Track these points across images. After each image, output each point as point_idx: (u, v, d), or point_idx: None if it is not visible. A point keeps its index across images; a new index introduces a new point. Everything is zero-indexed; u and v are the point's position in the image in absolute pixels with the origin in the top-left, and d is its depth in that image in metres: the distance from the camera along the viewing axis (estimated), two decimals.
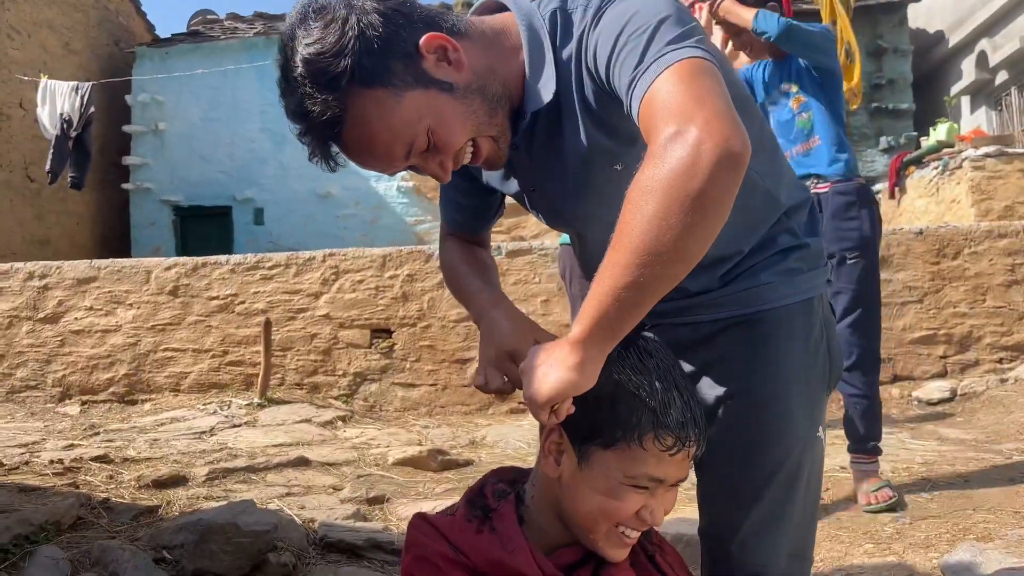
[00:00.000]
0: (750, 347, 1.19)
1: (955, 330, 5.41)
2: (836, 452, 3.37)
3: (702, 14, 3.23)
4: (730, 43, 3.37)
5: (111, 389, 5.80)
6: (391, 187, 11.36)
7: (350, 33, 1.00)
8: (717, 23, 3.32)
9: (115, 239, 11.19)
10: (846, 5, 6.59)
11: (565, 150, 1.13)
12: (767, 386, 1.18)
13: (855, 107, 7.28)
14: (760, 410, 1.18)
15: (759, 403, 1.18)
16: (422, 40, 1.04)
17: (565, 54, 1.10)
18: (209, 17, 13.06)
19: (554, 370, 0.99)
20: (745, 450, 1.19)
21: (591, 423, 1.09)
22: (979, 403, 4.83)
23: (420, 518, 1.19)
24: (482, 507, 1.18)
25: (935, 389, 5.06)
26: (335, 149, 1.09)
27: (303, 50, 1.02)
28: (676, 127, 0.90)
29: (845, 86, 6.88)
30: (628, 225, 0.91)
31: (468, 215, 1.40)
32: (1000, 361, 5.32)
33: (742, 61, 3.54)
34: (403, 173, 11.27)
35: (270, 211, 11.44)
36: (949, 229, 5.51)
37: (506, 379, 1.16)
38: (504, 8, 1.17)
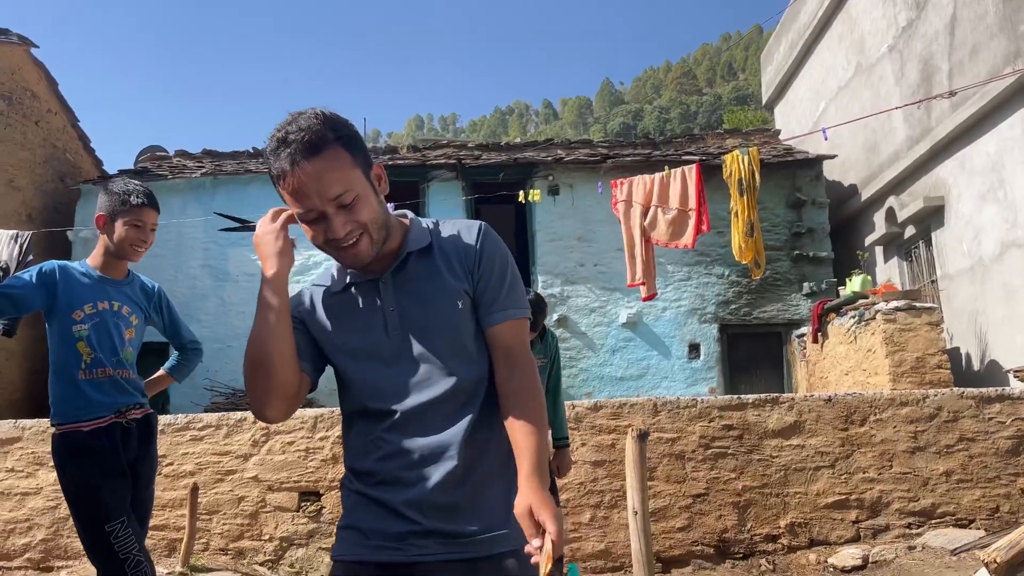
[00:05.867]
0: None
1: (865, 495, 5.64)
2: None
3: None
4: None
5: (27, 555, 5.64)
6: None
7: (350, 127, 1.60)
8: None
9: (46, 372, 10.96)
10: (749, 189, 7.17)
11: (426, 282, 1.63)
12: None
13: (757, 277, 7.77)
14: None
15: None
16: (375, 163, 1.65)
17: (443, 234, 1.70)
18: (158, 154, 13.32)
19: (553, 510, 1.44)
20: None
21: None
22: (889, 572, 5.01)
23: None
24: None
25: (848, 557, 5.23)
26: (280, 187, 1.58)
27: (322, 110, 1.57)
28: (528, 366, 1.63)
29: (747, 258, 7.41)
30: (534, 406, 1.57)
31: (302, 353, 1.68)
32: (909, 526, 5.55)
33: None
34: None
35: (209, 347, 11.32)
36: (855, 396, 5.83)
37: None
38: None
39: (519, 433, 1.52)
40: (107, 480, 2.88)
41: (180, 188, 11.68)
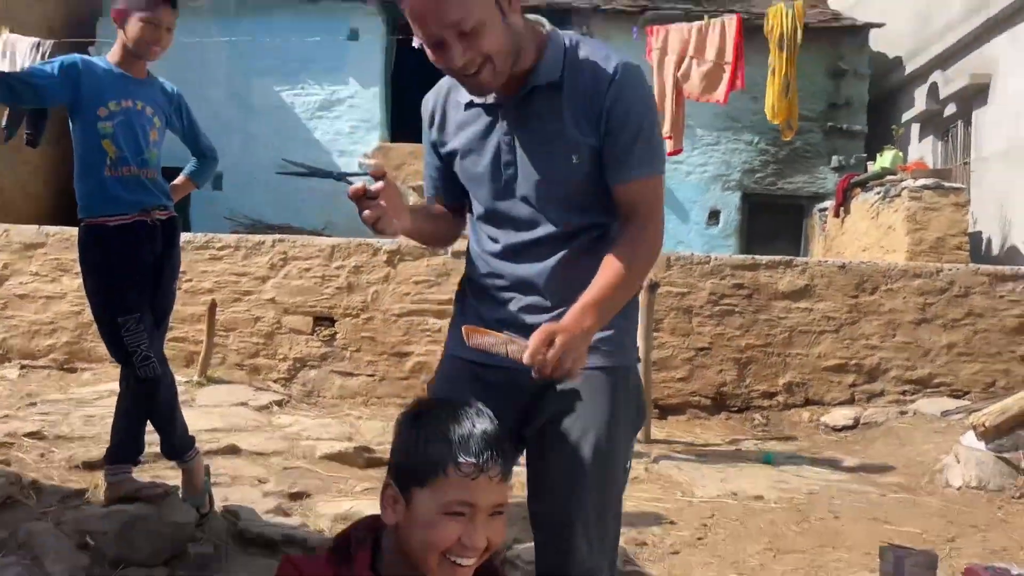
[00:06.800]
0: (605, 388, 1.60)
1: (865, 361, 5.75)
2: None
3: None
4: None
5: (51, 355, 5.90)
6: (352, 163, 11.42)
7: None
8: None
9: (70, 192, 11.07)
10: (790, 46, 6.88)
11: (547, 124, 1.56)
12: (607, 420, 1.58)
13: (788, 138, 7.58)
14: (599, 433, 1.57)
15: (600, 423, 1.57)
16: None
17: (580, 61, 1.56)
18: None
19: (582, 354, 1.44)
20: (582, 457, 1.55)
21: (411, 469, 1.33)
22: (878, 433, 5.18)
23: (287, 561, 1.41)
24: (343, 552, 1.40)
25: (840, 416, 5.40)
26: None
27: None
28: (648, 223, 1.56)
29: (780, 119, 7.21)
30: (628, 263, 1.51)
31: (439, 185, 1.77)
32: (903, 393, 5.68)
33: None
34: (366, 151, 11.24)
35: (229, 177, 11.42)
36: (869, 265, 5.84)
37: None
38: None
39: (599, 272, 1.51)
40: (126, 275, 2.96)
41: (203, 10, 11.35)
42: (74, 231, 5.00)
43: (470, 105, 1.62)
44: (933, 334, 5.74)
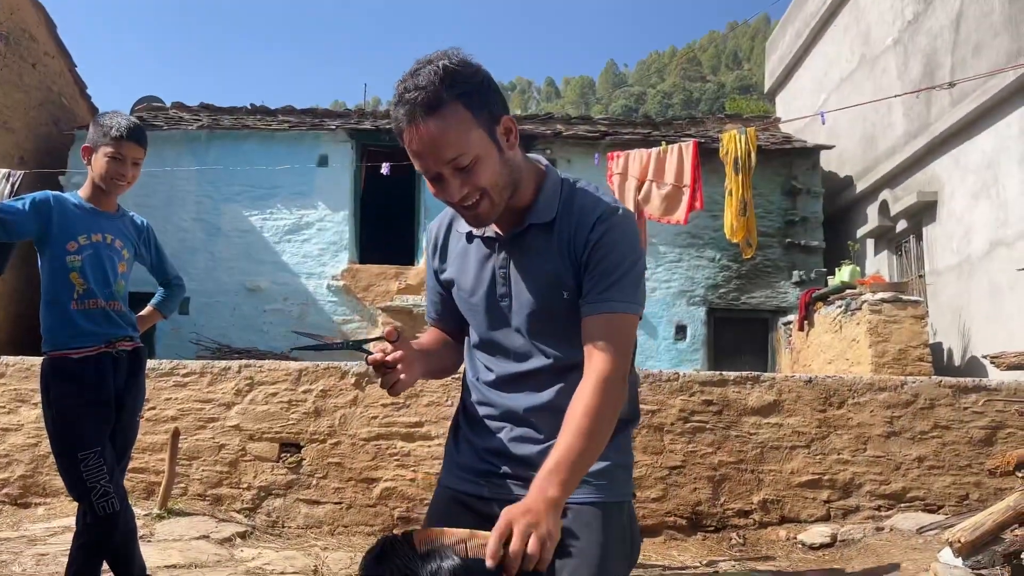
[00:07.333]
0: (597, 525, 1.54)
1: (838, 476, 5.72)
2: None
3: None
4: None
5: (5, 490, 5.67)
6: (321, 285, 11.48)
7: (477, 76, 1.48)
8: None
9: (32, 316, 10.92)
10: (744, 168, 7.18)
11: (542, 261, 1.59)
12: (599, 558, 1.52)
13: (748, 256, 7.82)
14: (591, 566, 1.51)
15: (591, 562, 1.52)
16: (504, 116, 1.53)
17: (574, 203, 1.59)
18: (155, 104, 13.22)
19: (552, 530, 1.33)
20: None
21: None
22: (855, 551, 5.10)
23: None
24: None
25: (817, 534, 5.32)
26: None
27: (446, 62, 1.45)
28: (611, 372, 1.48)
29: (739, 237, 7.45)
30: (593, 412, 1.44)
31: (440, 310, 1.80)
32: (879, 508, 5.64)
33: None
34: (334, 273, 11.28)
35: (196, 301, 11.39)
36: (835, 379, 5.90)
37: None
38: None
39: (563, 427, 1.45)
40: (88, 408, 2.90)
41: (175, 139, 11.61)
42: (34, 360, 4.95)
43: (470, 236, 1.67)
44: (903, 447, 5.76)
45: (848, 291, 9.10)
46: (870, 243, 11.30)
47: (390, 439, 5.76)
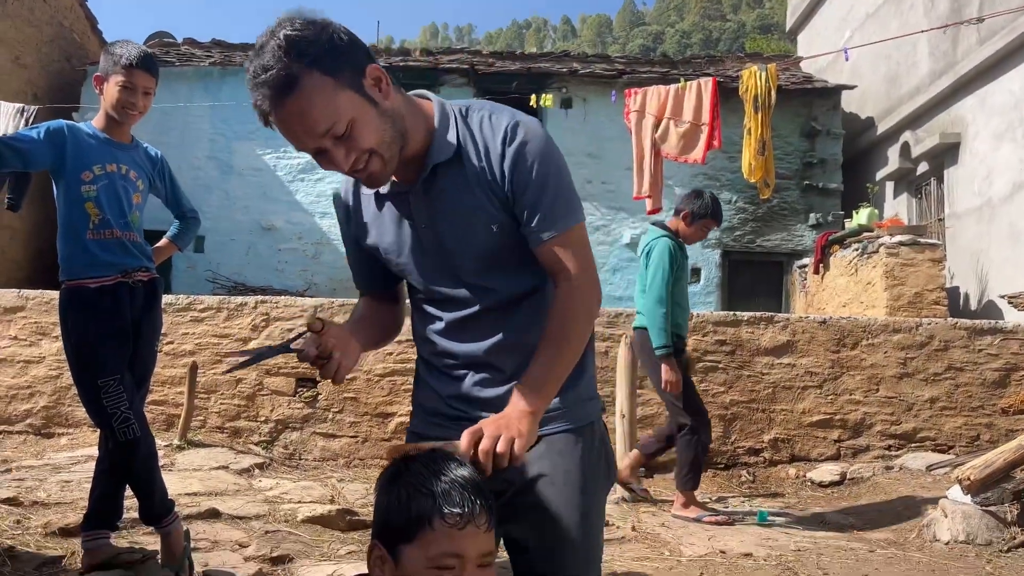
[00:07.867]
0: (571, 449, 1.57)
1: (849, 416, 5.76)
2: None
3: None
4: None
5: (28, 420, 5.79)
6: (334, 224, 11.45)
7: (324, 35, 1.36)
8: None
9: (50, 254, 11.00)
10: (764, 106, 7.06)
11: (459, 200, 1.51)
12: (579, 484, 1.55)
13: (765, 197, 7.75)
14: (573, 487, 1.54)
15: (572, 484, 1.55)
16: (369, 66, 1.41)
17: (473, 129, 1.51)
18: (166, 40, 13.09)
19: (522, 430, 1.38)
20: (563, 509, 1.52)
21: (396, 526, 1.30)
22: (864, 488, 5.16)
23: None
24: None
25: (827, 472, 5.38)
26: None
27: (287, 31, 1.33)
28: (577, 279, 1.49)
29: (757, 177, 7.36)
30: (562, 328, 1.47)
31: (368, 277, 1.73)
32: (889, 448, 5.68)
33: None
34: None
35: (211, 239, 11.44)
36: (849, 320, 5.89)
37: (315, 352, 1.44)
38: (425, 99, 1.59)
39: (538, 346, 1.48)
40: (106, 337, 2.94)
41: (187, 76, 11.51)
42: (54, 294, 4.99)
43: (379, 197, 1.58)
44: (915, 388, 5.77)
45: (865, 234, 9.01)
46: (889, 185, 11.14)
47: (405, 375, 5.82)
